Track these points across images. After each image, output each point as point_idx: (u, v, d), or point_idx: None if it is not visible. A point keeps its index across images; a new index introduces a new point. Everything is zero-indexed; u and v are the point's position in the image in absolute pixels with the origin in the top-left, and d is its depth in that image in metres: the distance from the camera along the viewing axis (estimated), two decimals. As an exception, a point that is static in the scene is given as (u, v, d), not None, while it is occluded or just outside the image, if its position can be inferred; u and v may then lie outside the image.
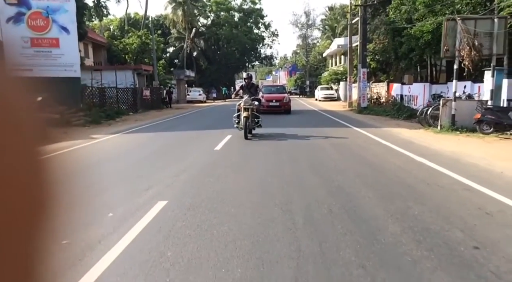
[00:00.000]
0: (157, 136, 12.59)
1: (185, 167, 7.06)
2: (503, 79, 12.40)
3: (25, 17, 18.16)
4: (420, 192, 5.20)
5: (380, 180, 5.92)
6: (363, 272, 2.93)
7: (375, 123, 15.11)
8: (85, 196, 5.29)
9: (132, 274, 2.97)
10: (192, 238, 3.66)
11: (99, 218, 4.28)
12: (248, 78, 11.94)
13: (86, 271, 2.98)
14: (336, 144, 9.78)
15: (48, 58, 18.56)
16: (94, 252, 3.35)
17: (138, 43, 33.81)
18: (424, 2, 15.85)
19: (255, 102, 11.15)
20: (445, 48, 11.69)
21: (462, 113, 11.73)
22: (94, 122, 17.87)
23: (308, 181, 5.91)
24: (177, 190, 5.46)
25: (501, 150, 8.43)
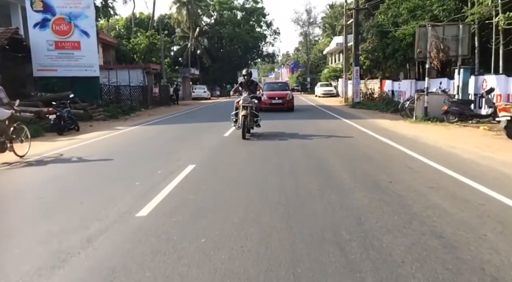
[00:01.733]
0: (172, 127, 14.73)
1: (203, 146, 9.20)
2: (471, 76, 14.46)
3: (50, 23, 20.26)
4: (372, 158, 7.32)
5: (347, 152, 8.05)
6: (319, 192, 5.02)
7: (363, 116, 17.18)
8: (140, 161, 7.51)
9: (177, 200, 5.07)
10: (214, 182, 5.80)
11: (153, 173, 6.40)
12: (248, 75, 11.18)
13: (153, 197, 5.06)
14: (324, 130, 11.87)
15: (71, 59, 20.66)
16: (156, 189, 5.44)
17: (146, 43, 35.69)
18: (407, 8, 17.90)
19: (254, 100, 10.62)
20: (418, 51, 13.76)
21: (433, 106, 13.77)
22: (113, 117, 19.93)
23: (295, 152, 8.04)
24: (200, 159, 7.58)
25: (452, 134, 10.52)
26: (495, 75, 13.35)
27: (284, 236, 3.65)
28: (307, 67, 64.16)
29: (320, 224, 3.94)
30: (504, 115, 9.37)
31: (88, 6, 20.84)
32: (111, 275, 2.96)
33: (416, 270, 2.91)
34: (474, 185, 5.25)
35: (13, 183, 6.55)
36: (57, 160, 8.33)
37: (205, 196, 5.10)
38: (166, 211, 4.48)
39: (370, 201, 4.65)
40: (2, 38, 18.04)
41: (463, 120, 12.83)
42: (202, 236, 3.67)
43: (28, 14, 20.18)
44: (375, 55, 22.35)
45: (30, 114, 14.77)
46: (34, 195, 5.58)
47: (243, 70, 11.50)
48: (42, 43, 20.27)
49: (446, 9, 16.55)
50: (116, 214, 4.38)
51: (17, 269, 3.08)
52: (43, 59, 20.31)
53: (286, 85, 24.41)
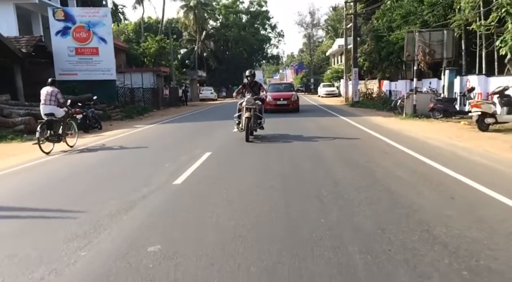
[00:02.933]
0: (186, 125, 16.33)
1: (215, 139, 10.79)
2: (456, 76, 15.91)
3: (71, 31, 21.93)
4: (358, 146, 8.85)
5: (338, 142, 9.56)
6: (310, 169, 6.55)
7: (359, 114, 18.67)
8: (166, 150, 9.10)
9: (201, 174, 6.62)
10: (227, 163, 7.36)
11: (179, 158, 7.99)
12: (251, 76, 10.89)
13: (183, 172, 6.59)
14: (321, 125, 13.42)
15: (90, 64, 22.34)
16: (184, 168, 6.99)
17: (156, 47, 37.33)
18: (400, 14, 19.38)
19: (258, 102, 10.39)
20: (407, 54, 15.25)
21: (421, 104, 15.23)
22: (129, 117, 21.56)
23: (293, 143, 9.56)
24: (214, 148, 9.13)
25: (433, 128, 12.00)
26: (477, 75, 14.78)
27: (281, 193, 5.19)
28: (311, 68, 65.64)
29: (307, 187, 5.48)
30: (476, 111, 10.84)
31: (105, 15, 22.53)
32: (163, 214, 4.53)
33: (366, 209, 4.43)
34: (431, 163, 6.75)
35: (76, 164, 8.36)
36: (102, 148, 10.22)
37: (222, 172, 6.67)
38: (194, 180, 6.05)
39: (348, 173, 6.18)
40: (28, 45, 19.73)
41: (447, 116, 14.27)
42: (223, 193, 5.22)
43: (51, 23, 21.88)
44: (372, 57, 23.80)
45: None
46: (95, 171, 7.34)
47: (246, 71, 11.14)
48: (64, 49, 21.95)
49: (435, 15, 17.99)
50: (158, 183, 5.95)
51: (106, 210, 4.64)
52: (64, 64, 21.98)
53: (291, 86, 24.17)
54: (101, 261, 3.24)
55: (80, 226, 4.09)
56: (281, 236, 3.64)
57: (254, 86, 10.92)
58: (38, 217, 4.68)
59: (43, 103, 9.74)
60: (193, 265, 3.08)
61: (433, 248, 3.25)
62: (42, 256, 3.37)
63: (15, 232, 4.14)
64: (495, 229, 3.66)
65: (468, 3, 13.23)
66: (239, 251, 3.32)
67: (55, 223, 4.35)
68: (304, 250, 3.29)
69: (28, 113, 15.15)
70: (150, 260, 3.18)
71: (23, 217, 4.70)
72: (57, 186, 6.32)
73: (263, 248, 3.37)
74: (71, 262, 3.22)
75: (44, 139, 9.44)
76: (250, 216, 4.25)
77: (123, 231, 3.97)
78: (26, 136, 13.34)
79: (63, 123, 9.99)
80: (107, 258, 3.28)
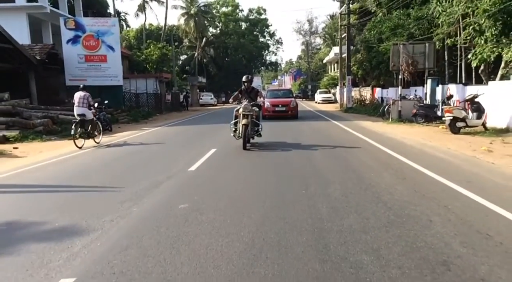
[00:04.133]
0: (190, 127, 17.77)
1: (219, 139, 12.21)
2: (438, 85, 17.42)
3: (81, 39, 23.42)
4: (342, 144, 10.27)
5: (327, 140, 11.00)
6: (298, 159, 7.98)
7: (350, 118, 20.14)
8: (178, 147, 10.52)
9: (209, 164, 8.05)
10: (230, 156, 8.80)
11: (190, 152, 9.44)
12: (248, 81, 10.52)
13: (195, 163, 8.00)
14: (313, 128, 14.88)
15: (98, 70, 23.79)
16: (195, 159, 8.42)
17: (158, 54, 38.78)
18: (388, 26, 20.93)
19: (255, 108, 10.13)
20: (392, 64, 16.77)
21: (405, 109, 16.71)
22: (134, 121, 22.98)
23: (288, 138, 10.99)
24: (218, 145, 10.58)
25: (413, 131, 13.47)
26: (455, 84, 16.29)
27: (273, 177, 6.63)
28: (308, 75, 67.30)
29: (294, 172, 6.92)
30: (448, 115, 12.33)
31: (114, 25, 24.07)
32: (185, 187, 5.98)
33: (337, 186, 5.85)
34: (399, 157, 8.21)
35: (106, 155, 10.05)
36: (125, 144, 12.01)
37: (226, 162, 8.14)
38: (205, 168, 7.51)
39: (329, 163, 7.63)
40: (41, 53, 21.19)
41: (428, 121, 15.74)
42: (229, 177, 6.67)
43: (62, 32, 23.36)
44: (365, 66, 25.35)
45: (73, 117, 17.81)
46: (124, 161, 9.00)
47: (243, 77, 10.71)
48: (74, 57, 23.42)
49: (420, 28, 19.54)
50: (176, 170, 7.39)
51: (141, 186, 6.06)
52: (74, 71, 23.44)
53: (290, 92, 23.92)
54: (149, 212, 4.70)
55: (126, 195, 5.53)
56: (272, 198, 5.08)
57: (251, 92, 10.55)
58: (91, 190, 6.13)
59: (77, 106, 11.34)
60: (211, 214, 4.53)
61: (377, 205, 4.71)
62: (107, 211, 4.81)
63: (80, 199, 5.60)
64: (423, 195, 5.15)
65: (445, 20, 14.73)
66: (243, 207, 4.76)
67: (106, 194, 5.79)
68: (288, 206, 4.73)
69: (45, 116, 16.54)
70: (183, 212, 4.63)
71: (81, 190, 6.15)
72: (96, 171, 7.84)
73: (260, 205, 4.80)
74: (128, 213, 4.67)
75: (77, 136, 11.03)
76: (250, 189, 5.70)
77: (158, 197, 5.43)
78: (45, 137, 14.74)
79: (92, 123, 11.57)
80: (152, 211, 4.74)
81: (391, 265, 3.13)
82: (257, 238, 3.76)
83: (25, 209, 5.16)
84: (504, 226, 3.99)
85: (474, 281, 2.86)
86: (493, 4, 11.44)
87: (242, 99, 10.43)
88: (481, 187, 5.57)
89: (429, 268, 3.06)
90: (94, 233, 4.04)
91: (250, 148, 9.78)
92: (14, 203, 5.70)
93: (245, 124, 9.55)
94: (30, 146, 12.76)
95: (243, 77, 10.73)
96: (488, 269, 3.04)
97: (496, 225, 4.03)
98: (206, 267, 3.15)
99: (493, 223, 4.08)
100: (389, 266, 3.11)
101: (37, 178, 7.37)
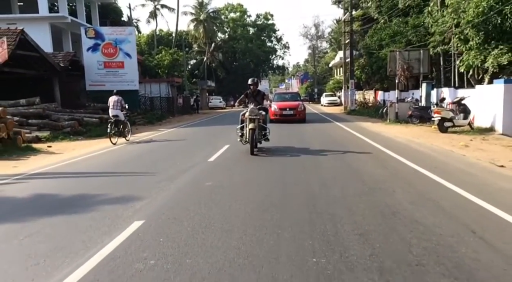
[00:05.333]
0: (204, 128, 19.31)
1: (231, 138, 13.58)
2: (433, 88, 18.75)
3: (100, 47, 25.10)
4: (340, 141, 11.70)
5: (327, 139, 12.42)
6: (302, 152, 9.41)
7: (352, 120, 21.53)
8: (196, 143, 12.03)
9: (225, 156, 9.53)
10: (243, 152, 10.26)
11: (206, 148, 10.94)
12: (254, 84, 10.34)
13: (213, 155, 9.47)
14: (316, 128, 16.30)
15: (116, 76, 25.44)
16: (212, 153, 9.89)
17: (169, 59, 40.48)
18: (388, 34, 22.33)
19: (261, 112, 9.93)
20: (390, 70, 18.16)
21: (402, 111, 18.07)
22: (150, 123, 24.56)
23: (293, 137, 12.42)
24: (231, 142, 12.01)
25: (406, 130, 14.84)
26: (447, 88, 17.62)
27: (277, 165, 8.07)
28: (315, 79, 68.71)
29: (295, 167, 8.35)
30: (437, 116, 13.69)
31: (131, 33, 25.75)
32: (207, 172, 7.47)
33: (329, 171, 7.27)
34: (387, 151, 9.60)
35: (138, 149, 11.86)
36: (152, 141, 13.89)
37: (239, 155, 9.61)
38: (221, 159, 9.01)
39: (325, 156, 9.05)
40: (65, 60, 22.86)
41: (422, 122, 17.07)
42: (242, 166, 8.14)
43: (83, 40, 25.07)
44: (367, 70, 26.75)
45: (96, 119, 19.43)
46: (153, 153, 10.71)
47: (249, 80, 10.51)
48: (94, 63, 25.10)
49: (418, 35, 20.91)
50: (198, 161, 8.88)
51: (171, 172, 7.54)
52: (94, 76, 25.12)
53: (297, 96, 23.68)
54: (183, 187, 6.22)
55: (161, 177, 7.04)
56: (277, 181, 6.53)
57: (257, 95, 10.34)
58: (133, 175, 7.67)
59: (112, 108, 13.14)
60: (231, 188, 6.03)
61: (357, 183, 6.16)
62: (150, 187, 6.31)
63: (126, 180, 7.15)
64: (395, 175, 6.56)
65: (437, 30, 16.10)
66: (255, 185, 6.23)
67: (145, 177, 7.31)
68: (288, 185, 6.19)
69: (71, 118, 18.14)
70: (208, 187, 6.13)
71: (124, 175, 7.68)
72: (132, 161, 9.51)
73: (267, 184, 6.27)
74: (167, 188, 6.18)
75: (112, 134, 12.82)
76: (260, 174, 7.18)
77: (188, 178, 6.95)
78: (72, 137, 16.31)
79: (123, 123, 13.39)
80: (185, 186, 6.25)
81: (357, 214, 4.57)
82: (266, 201, 5.23)
83: (87, 186, 6.69)
84: (449, 195, 5.41)
85: (410, 222, 4.28)
86: (476, 15, 12.78)
87: (248, 103, 10.20)
88: (444, 171, 6.97)
89: (382, 216, 4.49)
90: (146, 199, 5.54)
91: (257, 153, 9.67)
92: (76, 183, 7.24)
93: (252, 128, 9.34)
94: (61, 145, 14.30)
95: (249, 80, 10.54)
96: (422, 215, 4.46)
97: (444, 194, 5.45)
98: (229, 216, 4.63)
99: (442, 193, 5.50)
100: (355, 215, 4.56)
101: (86, 166, 8.95)
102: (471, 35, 13.25)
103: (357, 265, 3.22)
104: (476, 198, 5.13)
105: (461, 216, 4.45)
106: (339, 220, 4.36)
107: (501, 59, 12.26)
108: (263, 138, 10.07)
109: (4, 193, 6.46)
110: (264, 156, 9.45)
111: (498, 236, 3.84)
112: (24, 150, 12.19)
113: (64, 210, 5.19)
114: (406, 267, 3.18)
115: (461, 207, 4.81)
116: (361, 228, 4.11)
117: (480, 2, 12.52)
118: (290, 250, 3.57)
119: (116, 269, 3.28)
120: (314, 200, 5.27)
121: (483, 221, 4.29)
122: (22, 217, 4.93)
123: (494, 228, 4.06)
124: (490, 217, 4.42)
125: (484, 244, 3.63)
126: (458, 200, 5.17)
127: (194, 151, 10.61)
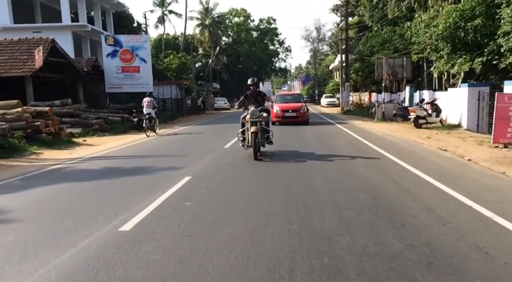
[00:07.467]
0: (213, 126, 21.91)
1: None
2: (416, 91, 21.27)
3: (118, 53, 27.68)
4: (331, 136, 14.19)
5: (319, 136, 14.92)
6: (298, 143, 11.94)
7: (346, 119, 24.02)
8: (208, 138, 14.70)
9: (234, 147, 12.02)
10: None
11: (219, 139, 13.50)
12: (253, 84, 9.82)
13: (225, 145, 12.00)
14: (312, 125, 18.81)
15: (132, 80, 28.02)
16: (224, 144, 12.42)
17: (178, 63, 42.95)
18: (378, 41, 24.88)
19: (263, 113, 9.40)
20: (377, 74, 20.68)
21: (388, 111, 20.58)
22: (163, 122, 26.97)
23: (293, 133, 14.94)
24: (239, 137, 14.57)
25: (389, 127, 17.32)
26: (427, 90, 20.13)
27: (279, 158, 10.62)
28: (315, 81, 71.25)
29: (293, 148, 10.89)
30: (413, 114, 16.21)
31: (146, 41, 28.39)
32: (224, 154, 10.04)
33: (319, 156, 9.78)
34: (366, 142, 12.10)
35: (167, 140, 14.95)
36: (176, 134, 16.91)
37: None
38: (231, 149, 11.51)
39: (316, 145, 11.57)
40: (87, 65, 25.51)
41: (405, 120, 19.53)
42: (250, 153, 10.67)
43: (103, 47, 27.69)
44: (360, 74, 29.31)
45: (118, 118, 22.01)
46: (179, 143, 13.66)
47: (249, 80, 9.96)
48: (112, 68, 27.69)
49: (403, 43, 23.41)
50: (215, 147, 11.47)
51: (198, 154, 10.09)
52: (113, 80, 27.70)
53: (300, 97, 23.18)
54: (208, 163, 8.81)
55: (190, 158, 9.63)
56: (276, 172, 9.07)
57: (258, 96, 9.88)
58: (168, 156, 10.21)
59: (146, 107, 16.21)
60: (245, 164, 8.57)
61: (333, 162, 8.66)
62: (185, 163, 8.84)
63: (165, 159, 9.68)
64: (364, 154, 9.08)
65: (416, 40, 18.63)
66: (262, 165, 8.76)
67: (178, 158, 9.86)
68: (285, 171, 8.74)
69: (98, 117, 20.70)
70: (227, 163, 8.73)
71: (162, 156, 10.24)
72: (166, 148, 12.33)
73: (266, 174, 8.80)
74: (197, 163, 8.78)
75: (147, 128, 15.85)
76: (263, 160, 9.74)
77: (210, 158, 9.56)
78: (100, 133, 18.85)
79: (154, 119, 16.30)
80: (209, 163, 8.89)
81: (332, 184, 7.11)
82: (263, 177, 7.78)
83: (140, 163, 9.22)
84: (391, 163, 7.94)
85: (360, 176, 6.80)
86: (445, 29, 15.27)
87: (248, 104, 9.64)
88: (397, 152, 9.54)
89: (347, 178, 7.02)
90: (186, 168, 8.12)
91: (261, 158, 9.28)
92: (131, 161, 9.78)
93: (254, 132, 8.87)
94: (93, 139, 16.84)
95: (248, 80, 9.96)
96: (370, 175, 7.00)
97: (389, 163, 7.98)
98: (244, 177, 7.17)
99: (388, 163, 8.02)
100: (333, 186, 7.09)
101: (131, 152, 11.57)
102: (441, 46, 15.76)
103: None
104: (410, 167, 7.66)
105: (393, 175, 7.00)
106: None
107: (464, 66, 14.76)
108: (266, 142, 9.63)
109: (81, 167, 9.05)
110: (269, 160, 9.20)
111: (414, 184, 6.36)
112: (68, 142, 14.72)
113: (132, 175, 7.76)
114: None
115: (397, 170, 7.36)
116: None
117: (447, 19, 15.02)
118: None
119: (176, 201, 5.85)
120: (300, 183, 7.80)
121: (410, 177, 6.83)
122: (107, 178, 7.51)
123: (416, 183, 6.60)
124: (417, 177, 6.93)
125: (401, 188, 6.16)
126: (395, 166, 7.77)
127: (212, 141, 13.29)
